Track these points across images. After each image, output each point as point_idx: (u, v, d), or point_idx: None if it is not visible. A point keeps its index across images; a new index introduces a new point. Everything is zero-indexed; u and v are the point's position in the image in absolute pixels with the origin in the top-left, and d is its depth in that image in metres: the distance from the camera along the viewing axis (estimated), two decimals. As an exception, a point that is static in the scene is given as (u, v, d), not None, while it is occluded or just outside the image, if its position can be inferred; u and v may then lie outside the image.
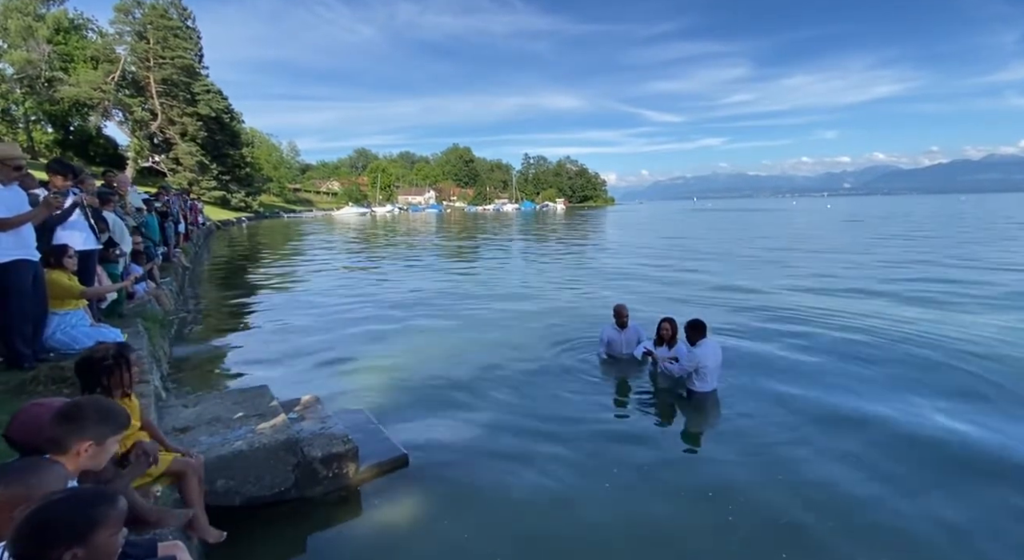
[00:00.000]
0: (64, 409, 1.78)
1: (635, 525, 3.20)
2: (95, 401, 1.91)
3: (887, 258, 16.25)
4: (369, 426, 4.27)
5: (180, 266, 11.46)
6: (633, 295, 10.18)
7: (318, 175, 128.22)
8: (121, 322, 5.49)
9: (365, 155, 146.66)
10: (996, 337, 7.05)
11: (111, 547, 1.33)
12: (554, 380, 5.69)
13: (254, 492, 3.16)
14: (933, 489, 3.52)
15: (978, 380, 5.49)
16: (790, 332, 7.48)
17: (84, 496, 1.38)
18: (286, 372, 6.09)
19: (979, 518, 3.20)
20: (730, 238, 26.67)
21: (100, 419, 1.79)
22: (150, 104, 53.34)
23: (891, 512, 3.26)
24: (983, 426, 4.40)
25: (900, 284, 11.39)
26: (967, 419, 4.54)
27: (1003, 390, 5.21)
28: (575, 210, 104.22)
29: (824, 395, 5.13)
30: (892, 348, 6.62)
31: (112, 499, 1.37)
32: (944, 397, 5.04)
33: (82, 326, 4.41)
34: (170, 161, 54.61)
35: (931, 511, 3.28)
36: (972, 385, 5.36)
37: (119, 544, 1.36)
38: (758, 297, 10.23)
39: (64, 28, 50.68)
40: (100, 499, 1.36)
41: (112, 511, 1.34)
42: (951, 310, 8.81)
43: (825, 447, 4.12)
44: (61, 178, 4.93)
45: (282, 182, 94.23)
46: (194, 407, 3.73)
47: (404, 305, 10.11)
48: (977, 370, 5.75)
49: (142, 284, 7.15)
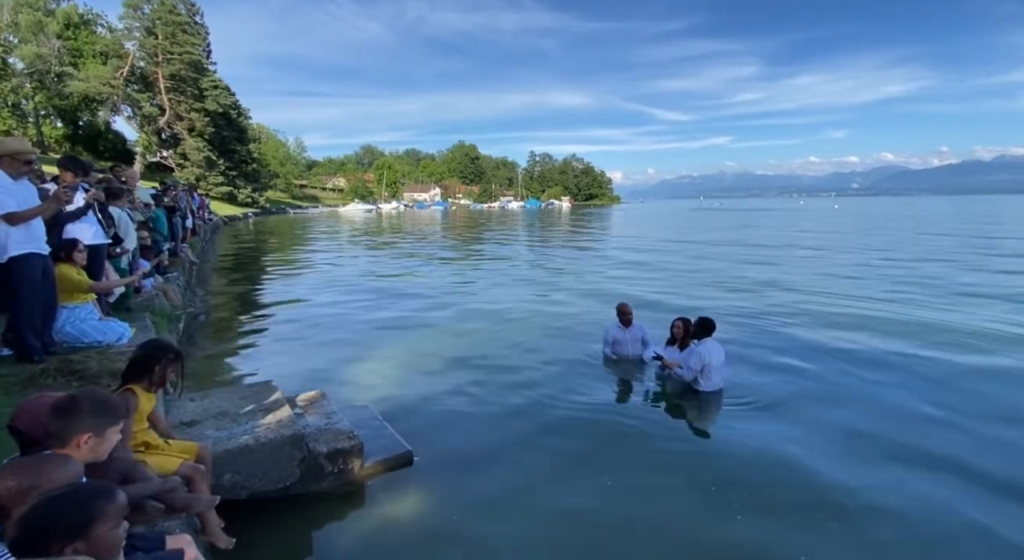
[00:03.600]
0: (60, 403, 1.78)
1: (640, 524, 3.18)
2: (91, 393, 1.91)
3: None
4: (374, 422, 4.29)
5: (187, 261, 11.52)
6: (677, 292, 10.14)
7: (324, 171, 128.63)
8: (129, 316, 5.53)
9: (371, 152, 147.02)
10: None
11: (112, 540, 1.34)
12: (560, 378, 5.68)
13: (260, 487, 3.17)
14: (945, 484, 3.49)
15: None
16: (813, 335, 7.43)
17: (83, 491, 1.40)
18: (292, 368, 6.11)
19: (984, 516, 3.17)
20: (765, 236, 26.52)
21: (97, 411, 1.79)
22: (158, 99, 53.65)
23: (901, 510, 3.24)
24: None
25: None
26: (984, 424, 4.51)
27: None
28: (581, 208, 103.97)
29: (836, 391, 5.11)
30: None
31: (110, 493, 1.39)
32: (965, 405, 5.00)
33: (91, 320, 4.44)
34: (178, 156, 54.93)
35: (945, 505, 3.26)
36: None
37: (121, 536, 1.37)
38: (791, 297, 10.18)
39: (74, 23, 51.04)
40: (99, 494, 1.37)
41: (110, 505, 1.35)
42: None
43: (831, 443, 4.11)
44: (71, 174, 4.97)
45: (288, 178, 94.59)
46: (201, 401, 3.75)
47: (411, 302, 10.14)
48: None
49: (150, 279, 7.19)
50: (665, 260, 17.13)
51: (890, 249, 19.19)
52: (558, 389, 5.37)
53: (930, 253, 17.69)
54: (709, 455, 4.11)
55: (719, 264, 15.74)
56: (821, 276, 12.88)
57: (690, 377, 5.09)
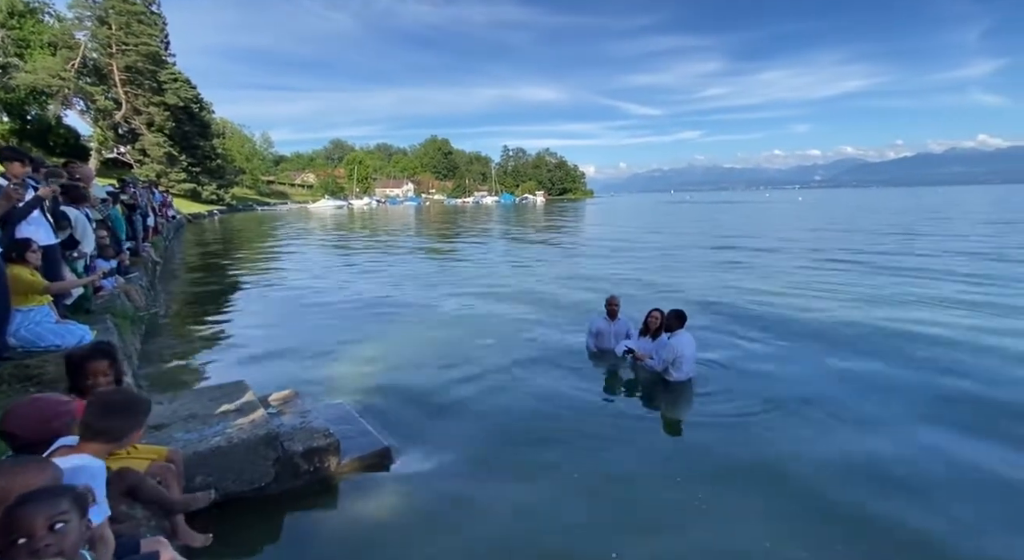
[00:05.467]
0: (118, 403, 2.03)
1: (615, 515, 3.24)
2: (128, 394, 2.20)
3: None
4: (350, 419, 4.24)
5: (150, 260, 11.12)
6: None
7: (292, 167, 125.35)
8: (89, 318, 5.31)
9: (341, 146, 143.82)
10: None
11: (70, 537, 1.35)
12: (539, 372, 5.72)
13: (234, 487, 3.11)
14: (907, 459, 3.70)
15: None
16: (768, 324, 7.69)
17: (38, 492, 1.40)
18: (262, 367, 5.98)
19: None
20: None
21: (145, 409, 2.08)
22: (113, 92, 51.22)
23: (875, 492, 3.41)
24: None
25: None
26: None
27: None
28: (555, 202, 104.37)
29: (792, 377, 5.33)
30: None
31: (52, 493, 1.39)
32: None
33: (47, 323, 4.26)
34: (136, 152, 52.66)
35: (902, 481, 3.46)
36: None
37: (79, 532, 1.37)
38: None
39: (19, 12, 48.15)
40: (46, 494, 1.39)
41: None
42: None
43: (791, 424, 4.34)
44: (19, 164, 4.72)
45: (255, 174, 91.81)
46: (169, 404, 3.65)
47: (382, 298, 10.03)
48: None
49: (111, 279, 6.92)
50: (643, 256, 17.40)
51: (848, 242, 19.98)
52: (537, 383, 5.41)
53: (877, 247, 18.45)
54: (681, 445, 4.23)
55: (688, 262, 16.07)
56: (784, 269, 13.31)
57: (661, 368, 5.22)
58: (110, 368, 2.65)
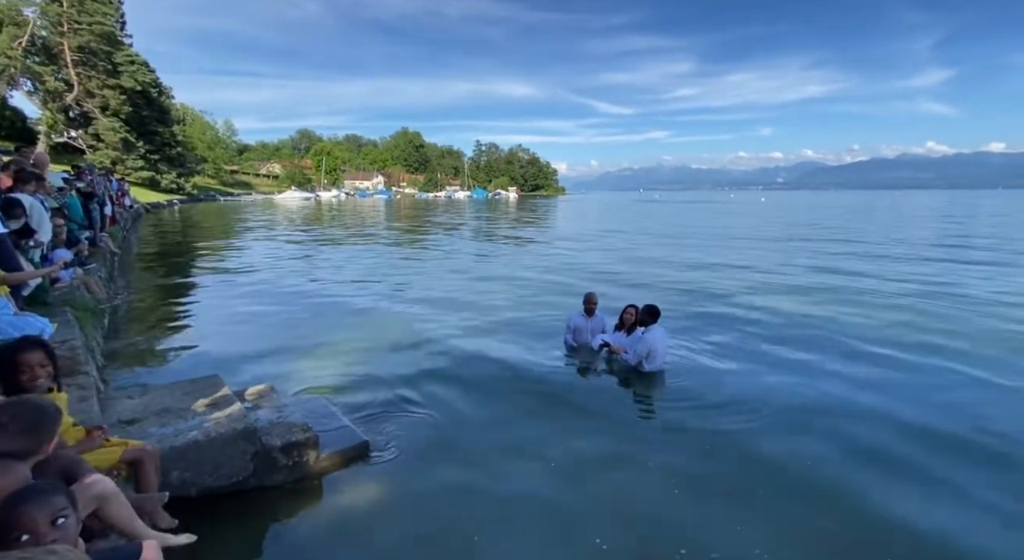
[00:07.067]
0: (26, 421, 1.72)
1: (592, 504, 3.34)
2: (30, 404, 1.83)
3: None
4: (328, 413, 4.22)
5: (108, 251, 10.65)
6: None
7: (257, 156, 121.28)
8: (47, 310, 5.08)
9: (309, 136, 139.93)
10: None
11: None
12: (517, 365, 5.79)
13: (211, 483, 3.07)
14: (874, 452, 3.93)
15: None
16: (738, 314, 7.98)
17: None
18: (233, 360, 5.85)
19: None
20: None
21: (55, 417, 1.80)
22: (64, 73, 48.37)
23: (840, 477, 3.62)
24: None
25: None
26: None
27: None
28: (527, 199, 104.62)
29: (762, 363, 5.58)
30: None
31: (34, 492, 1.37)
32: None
33: (5, 314, 4.05)
34: (89, 137, 49.96)
35: (864, 473, 3.67)
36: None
37: (76, 527, 1.37)
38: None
39: (-42, -16, 44.93)
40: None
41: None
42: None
43: (753, 408, 4.61)
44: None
45: (218, 163, 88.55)
46: (140, 398, 3.55)
47: (351, 291, 9.91)
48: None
49: (69, 270, 6.62)
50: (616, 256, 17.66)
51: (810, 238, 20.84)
52: (515, 376, 5.49)
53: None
54: (654, 427, 4.39)
55: (664, 257, 16.45)
56: (752, 266, 13.80)
57: (635, 361, 5.38)
58: (47, 359, 2.39)
